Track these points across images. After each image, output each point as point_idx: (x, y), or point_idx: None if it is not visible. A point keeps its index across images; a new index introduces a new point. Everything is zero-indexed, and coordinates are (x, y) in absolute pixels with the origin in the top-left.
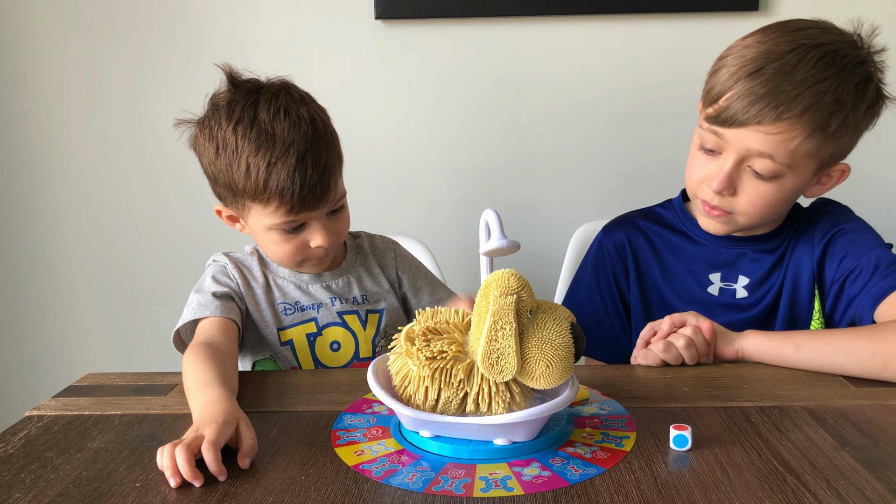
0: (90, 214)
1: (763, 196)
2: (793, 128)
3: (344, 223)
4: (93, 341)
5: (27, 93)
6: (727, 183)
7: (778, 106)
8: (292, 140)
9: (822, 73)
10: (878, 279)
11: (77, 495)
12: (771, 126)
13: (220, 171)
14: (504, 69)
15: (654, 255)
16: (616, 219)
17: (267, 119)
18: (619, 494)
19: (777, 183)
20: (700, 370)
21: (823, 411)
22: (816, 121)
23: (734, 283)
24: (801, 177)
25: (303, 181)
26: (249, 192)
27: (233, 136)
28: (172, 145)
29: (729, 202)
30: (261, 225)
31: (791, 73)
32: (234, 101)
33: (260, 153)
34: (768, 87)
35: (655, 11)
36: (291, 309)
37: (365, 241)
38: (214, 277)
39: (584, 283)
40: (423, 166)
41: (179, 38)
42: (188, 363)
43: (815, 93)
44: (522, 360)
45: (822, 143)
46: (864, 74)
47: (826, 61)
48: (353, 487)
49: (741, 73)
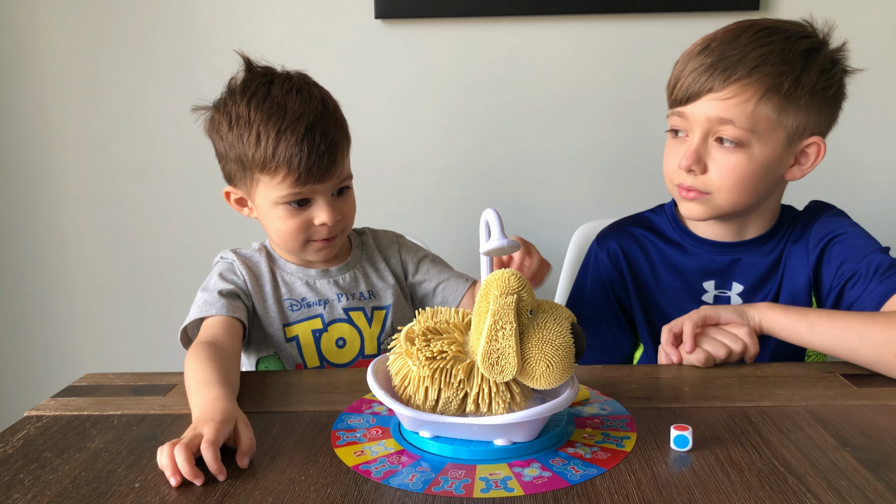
0: (90, 214)
1: (734, 168)
2: (745, 89)
3: (350, 206)
4: (92, 341)
5: (27, 93)
6: (695, 158)
7: (725, 70)
8: (302, 112)
9: (765, 39)
10: (877, 283)
11: (76, 495)
12: (723, 91)
13: (230, 145)
14: (504, 69)
15: (647, 264)
16: (608, 227)
17: (280, 94)
18: (619, 495)
19: (745, 152)
20: (700, 370)
21: (824, 411)
22: (767, 81)
23: (728, 290)
24: (771, 147)
25: (311, 149)
26: (258, 162)
27: (245, 109)
28: (172, 145)
29: (702, 181)
30: (267, 200)
31: (734, 41)
32: (249, 80)
33: (271, 122)
34: (714, 56)
35: (655, 11)
36: (297, 305)
37: (369, 237)
38: (221, 275)
39: (586, 295)
40: (422, 166)
41: (179, 38)
42: (190, 362)
43: (759, 54)
44: (523, 360)
45: (781, 107)
46: (811, 44)
47: (768, 31)
48: (353, 488)
49: (690, 56)
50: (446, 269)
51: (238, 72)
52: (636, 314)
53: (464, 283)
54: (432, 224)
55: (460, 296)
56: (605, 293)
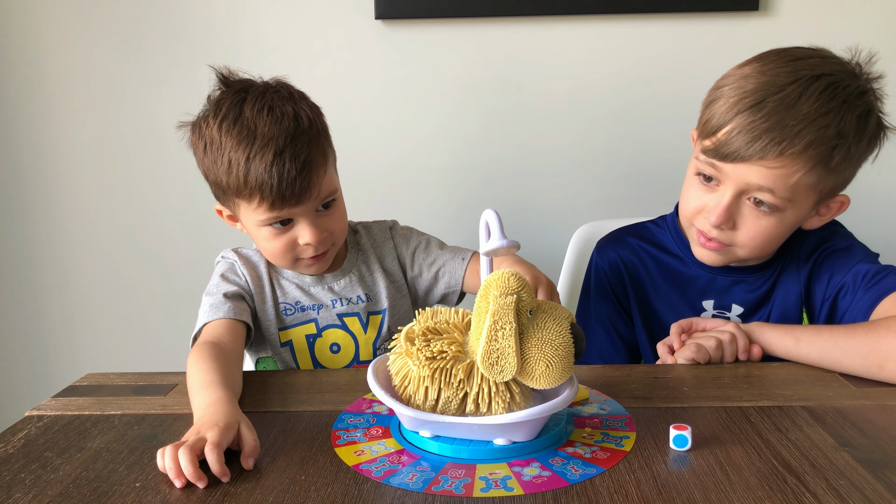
0: (90, 214)
1: (764, 230)
2: (794, 162)
3: (337, 219)
4: (93, 341)
5: (27, 93)
6: (726, 217)
7: (781, 141)
8: (272, 135)
9: (825, 107)
10: (864, 292)
11: (77, 495)
12: (773, 161)
13: (208, 169)
14: (504, 69)
15: (647, 276)
16: (607, 236)
17: (251, 116)
18: (619, 494)
19: (777, 216)
20: (700, 370)
21: (823, 411)
22: (819, 155)
23: (728, 311)
24: (801, 210)
25: (280, 175)
26: (233, 188)
27: (217, 134)
28: (172, 145)
29: (728, 235)
30: (251, 221)
31: (794, 106)
32: (222, 99)
33: (240, 148)
34: (770, 122)
35: (655, 11)
36: (292, 309)
37: (363, 235)
38: (224, 276)
39: (592, 310)
40: (422, 166)
41: (178, 38)
42: (193, 362)
43: (818, 127)
44: (522, 360)
45: (822, 177)
46: (865, 105)
47: (828, 94)
48: (353, 487)
49: (741, 106)
50: (441, 252)
51: (215, 88)
52: (636, 325)
53: (461, 260)
54: (432, 224)
55: (461, 275)
56: (611, 300)
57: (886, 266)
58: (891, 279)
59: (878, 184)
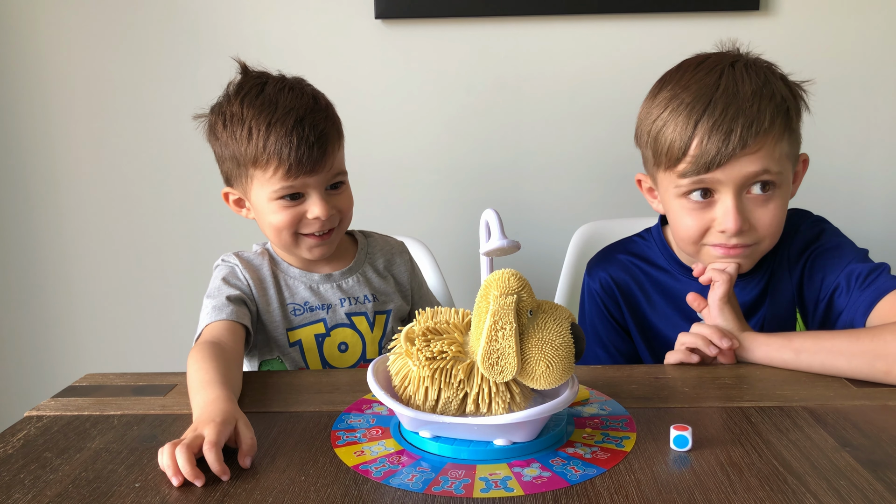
0: (90, 214)
1: (774, 214)
2: (770, 136)
3: (345, 200)
4: (92, 341)
5: (28, 93)
6: (741, 218)
7: (752, 124)
8: (293, 106)
9: (758, 82)
10: (860, 292)
11: (76, 496)
12: (755, 145)
13: (225, 143)
14: (504, 69)
15: (640, 291)
16: (596, 256)
17: (272, 92)
18: (619, 495)
19: (777, 194)
20: (700, 370)
21: (824, 412)
22: (783, 122)
23: None
24: (789, 179)
25: (300, 140)
26: (251, 157)
27: (239, 108)
28: (173, 146)
29: (750, 236)
30: (262, 197)
31: (739, 92)
32: (244, 82)
33: (261, 117)
34: (731, 112)
35: (655, 11)
36: (301, 309)
37: (377, 240)
38: (225, 279)
39: (591, 334)
40: (423, 166)
41: (178, 38)
42: (192, 361)
43: (768, 98)
44: (522, 360)
45: (791, 141)
46: (771, 69)
47: (752, 72)
48: (353, 488)
49: (695, 115)
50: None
51: (235, 76)
52: (636, 340)
53: None
54: (432, 224)
55: None
56: (607, 322)
57: (879, 264)
58: (885, 278)
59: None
